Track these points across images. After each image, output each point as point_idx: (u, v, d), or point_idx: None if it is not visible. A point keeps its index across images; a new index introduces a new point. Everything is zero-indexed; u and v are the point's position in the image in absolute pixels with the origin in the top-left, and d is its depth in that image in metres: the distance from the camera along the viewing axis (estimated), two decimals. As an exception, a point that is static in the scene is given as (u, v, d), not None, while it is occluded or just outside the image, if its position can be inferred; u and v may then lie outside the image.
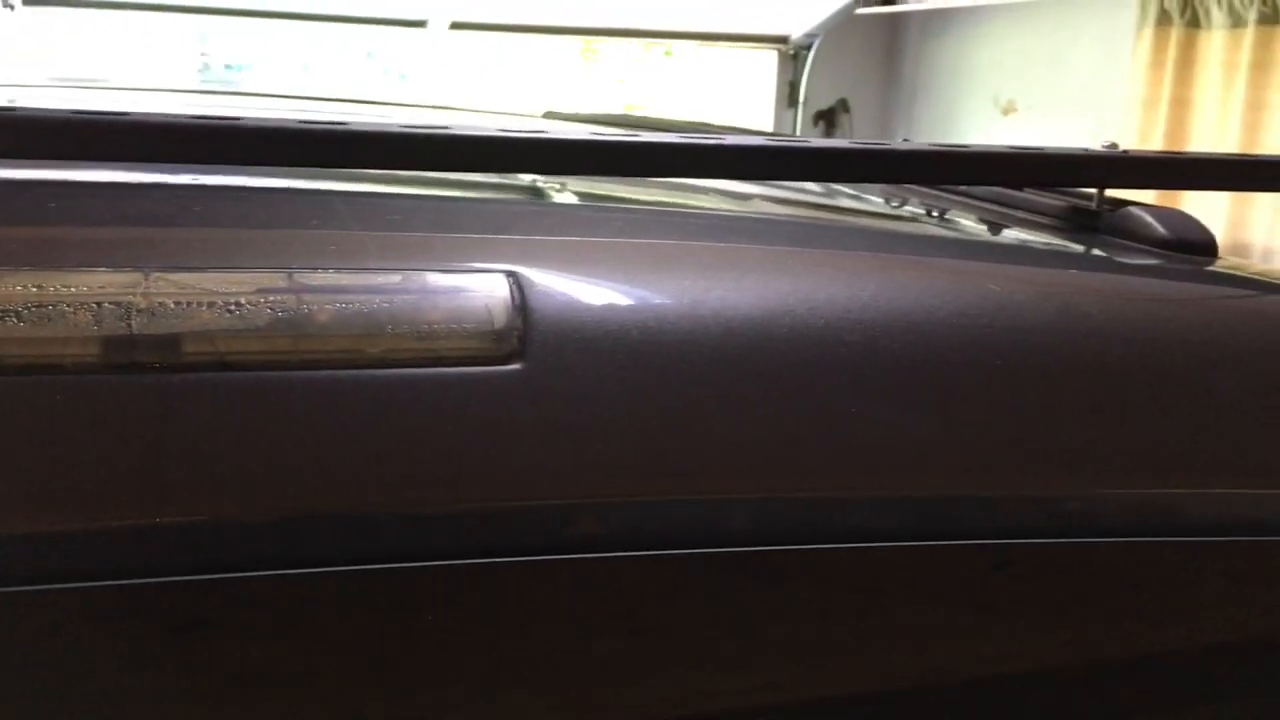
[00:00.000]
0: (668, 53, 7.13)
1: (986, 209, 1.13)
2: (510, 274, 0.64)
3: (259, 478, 0.56)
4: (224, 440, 0.56)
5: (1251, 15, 3.95)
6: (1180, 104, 4.17)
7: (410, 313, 0.61)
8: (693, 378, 0.63)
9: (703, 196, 1.03)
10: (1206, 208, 3.73)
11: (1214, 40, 4.09)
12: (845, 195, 1.19)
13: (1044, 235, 1.00)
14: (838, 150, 0.91)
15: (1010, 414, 0.69)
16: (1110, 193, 1.05)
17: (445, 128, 0.69)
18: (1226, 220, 3.91)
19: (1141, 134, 4.22)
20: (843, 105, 5.46)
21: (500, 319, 0.62)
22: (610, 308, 0.65)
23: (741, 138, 0.84)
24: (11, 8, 3.73)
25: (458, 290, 0.63)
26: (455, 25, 4.55)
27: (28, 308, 0.56)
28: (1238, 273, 0.97)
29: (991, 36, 5.10)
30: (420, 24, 4.59)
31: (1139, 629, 0.70)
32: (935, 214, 1.11)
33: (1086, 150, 0.99)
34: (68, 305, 0.56)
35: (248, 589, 0.55)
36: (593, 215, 0.89)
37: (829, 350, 0.67)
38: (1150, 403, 0.72)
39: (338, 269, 0.62)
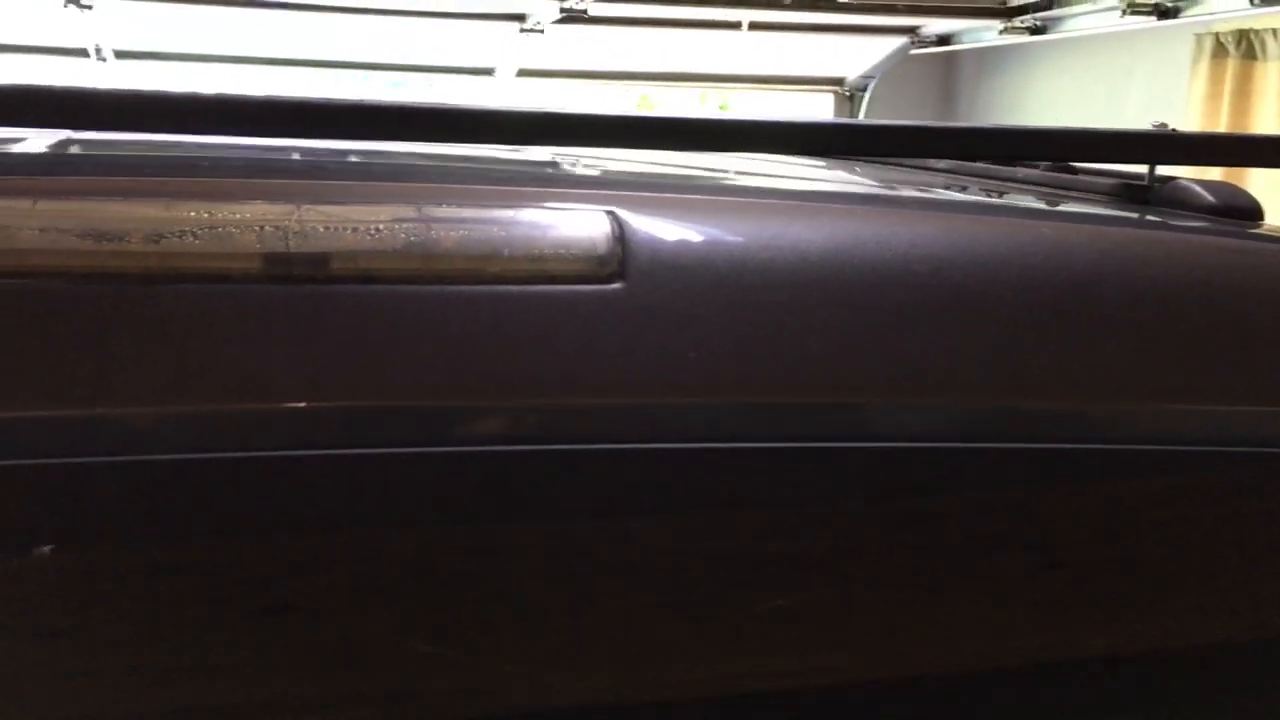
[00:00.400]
0: (723, 105, 7.27)
1: (1044, 190, 1.20)
2: (610, 212, 0.72)
3: (393, 372, 0.64)
4: (364, 339, 0.64)
5: (1308, 46, 3.97)
6: (1238, 134, 4.19)
7: (524, 239, 0.69)
8: (764, 300, 0.71)
9: (780, 166, 1.11)
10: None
11: (1270, 72, 4.12)
12: (904, 180, 1.26)
13: (1105, 207, 1.07)
14: (914, 129, 0.99)
15: (1080, 340, 0.76)
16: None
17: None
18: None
19: (1199, 166, 4.24)
20: (899, 146, 5.53)
21: (602, 246, 0.70)
22: (695, 242, 0.73)
23: (826, 119, 0.93)
24: (104, 60, 3.94)
25: (566, 223, 0.71)
26: (522, 73, 4.70)
27: (200, 229, 0.65)
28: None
29: (1046, 74, 5.15)
30: (488, 72, 4.74)
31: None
32: (997, 192, 1.18)
33: (1139, 130, 1.06)
34: (234, 227, 0.65)
35: (381, 465, 0.64)
36: (682, 174, 0.98)
37: (900, 281, 0.74)
38: (1200, 332, 0.78)
39: (461, 205, 0.71)
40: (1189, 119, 4.33)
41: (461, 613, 0.66)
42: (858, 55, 5.03)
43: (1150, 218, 1.00)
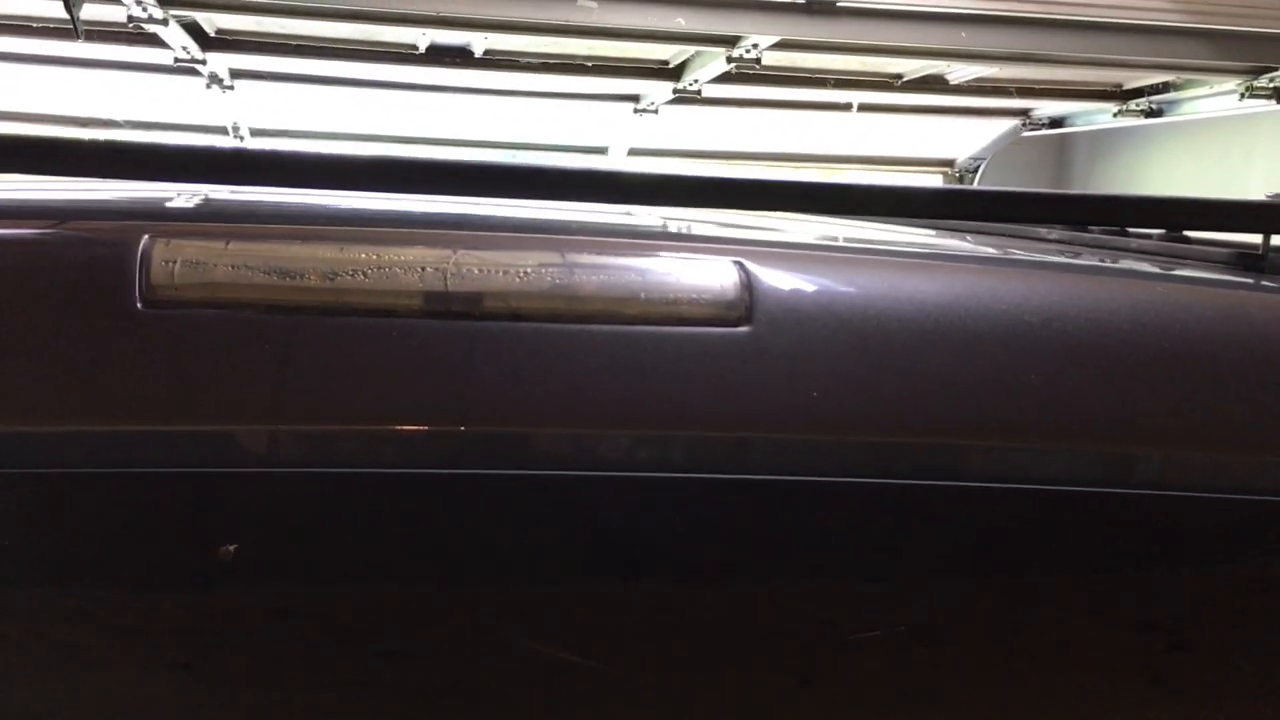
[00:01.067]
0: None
1: (1157, 257, 1.22)
2: (738, 263, 0.78)
3: (538, 401, 0.70)
4: (514, 372, 0.71)
5: None
6: (1365, 218, 4.09)
7: (659, 285, 0.75)
8: (880, 347, 0.75)
9: (894, 232, 1.16)
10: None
11: (1399, 154, 4.03)
12: (1014, 246, 1.30)
13: (1219, 273, 1.09)
14: (1029, 195, 1.03)
15: (1182, 392, 0.78)
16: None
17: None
18: None
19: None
20: (1009, 227, 5.51)
21: (731, 292, 0.75)
22: (817, 292, 0.78)
23: (939, 187, 0.97)
24: (241, 138, 4.18)
25: (698, 271, 0.77)
26: (633, 151, 4.83)
27: (369, 269, 0.72)
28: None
29: (1162, 156, 5.11)
30: (601, 150, 4.89)
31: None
32: (1117, 259, 1.20)
33: (1256, 200, 1.08)
34: (399, 268, 0.72)
35: (539, 484, 0.69)
36: (804, 231, 1.03)
37: (1010, 331, 0.78)
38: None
39: (602, 253, 0.77)
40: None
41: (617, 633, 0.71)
42: (968, 136, 5.06)
43: (1263, 283, 1.01)
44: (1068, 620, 0.76)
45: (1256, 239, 1.12)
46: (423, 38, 3.25)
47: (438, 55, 3.48)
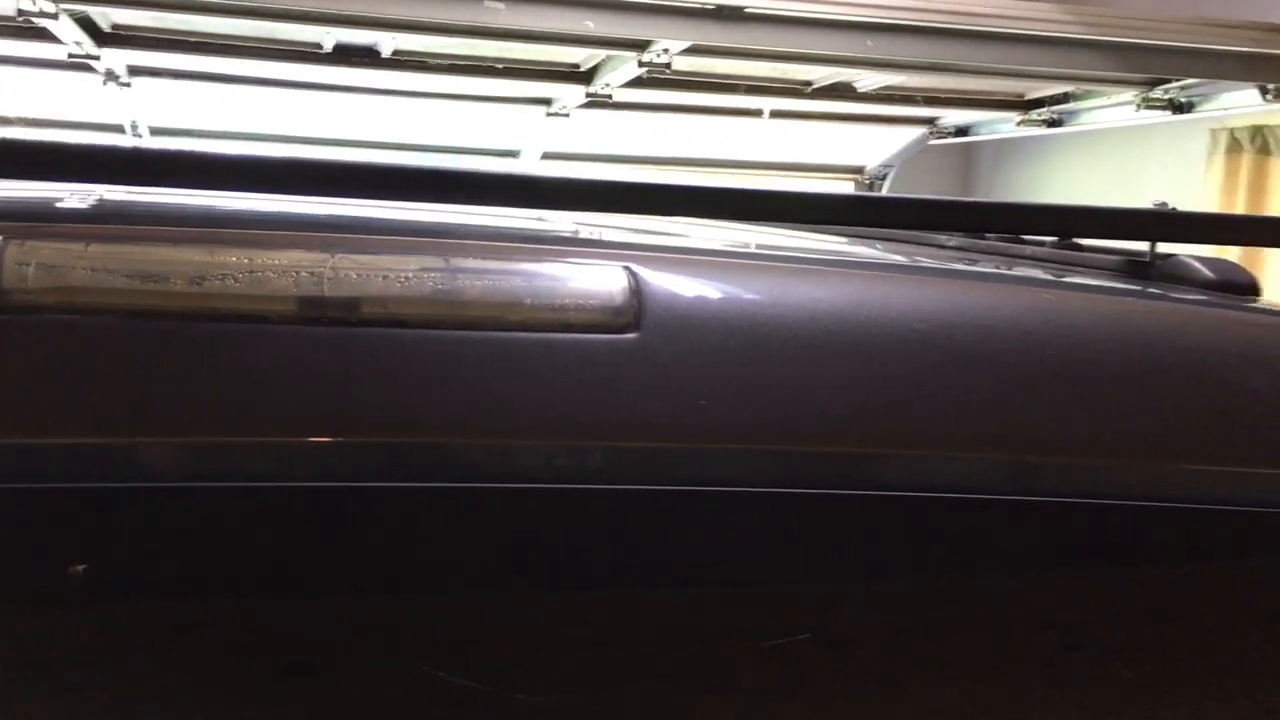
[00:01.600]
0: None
1: (1048, 263, 1.23)
2: (627, 268, 0.76)
3: (418, 411, 0.68)
4: (393, 380, 0.68)
5: (1322, 141, 4.04)
6: (1254, 227, 4.24)
7: (545, 290, 0.73)
8: (770, 354, 0.74)
9: (789, 237, 1.15)
10: None
11: (1285, 166, 4.18)
12: (908, 253, 1.30)
13: (1108, 280, 1.10)
14: (928, 202, 1.03)
15: (1069, 400, 0.79)
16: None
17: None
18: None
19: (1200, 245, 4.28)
20: (918, 233, 5.61)
21: (619, 299, 0.74)
22: (707, 298, 0.77)
23: (840, 190, 0.97)
24: (139, 136, 4.07)
25: (585, 276, 0.75)
26: (546, 155, 4.80)
27: (240, 273, 0.69)
28: (1274, 306, 1.05)
29: (1063, 165, 5.23)
30: (513, 154, 4.85)
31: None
32: (1003, 265, 1.21)
33: (1143, 208, 1.10)
34: (272, 273, 0.69)
35: (418, 497, 0.67)
36: (696, 236, 1.02)
37: (898, 338, 0.77)
38: (1188, 397, 0.81)
39: (486, 257, 0.75)
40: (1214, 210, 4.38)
41: (475, 641, 0.68)
42: (878, 144, 5.12)
43: (1147, 289, 1.03)
44: (964, 623, 0.76)
45: (1145, 246, 1.15)
46: (328, 36, 3.18)
47: (344, 55, 3.41)
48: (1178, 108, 3.50)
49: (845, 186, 5.42)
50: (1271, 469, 0.79)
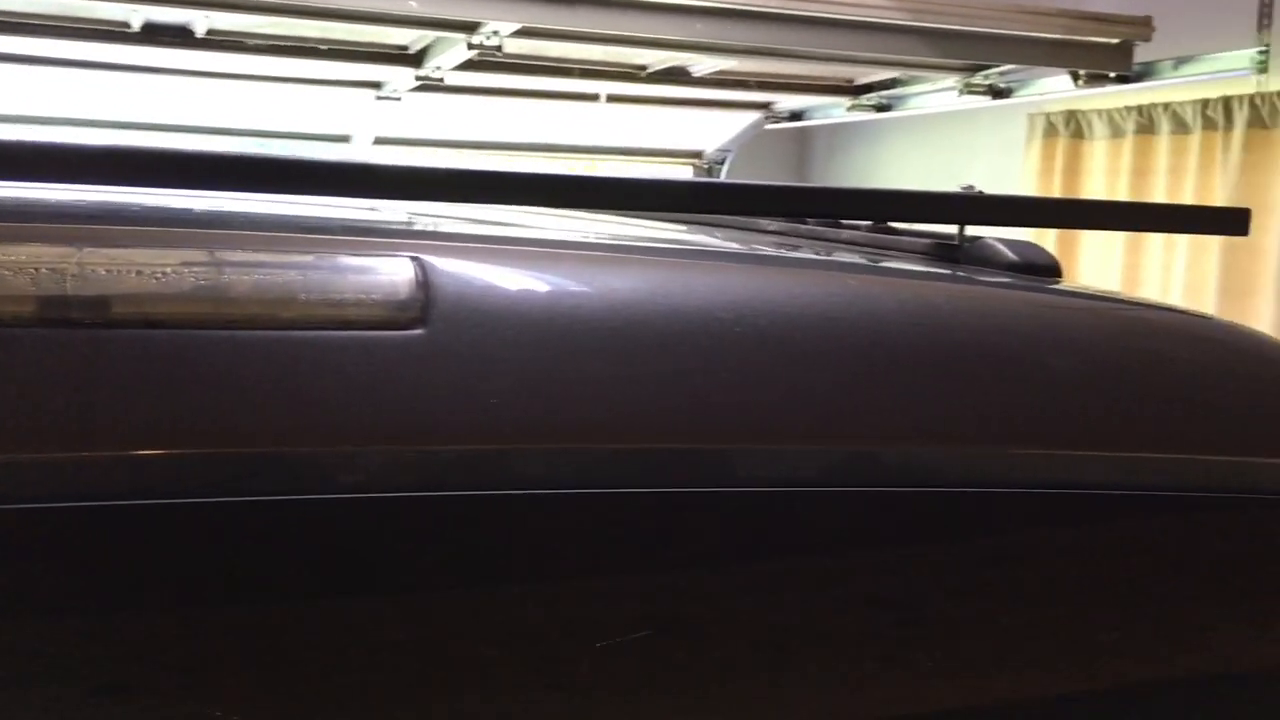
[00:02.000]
0: (590, 176, 7.35)
1: (864, 248, 1.24)
2: (415, 259, 0.72)
3: (176, 421, 0.62)
4: (147, 388, 0.62)
5: (1130, 126, 4.24)
6: (1070, 208, 4.43)
7: (322, 284, 0.68)
8: (568, 346, 0.71)
9: (594, 220, 1.12)
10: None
11: (1097, 150, 4.38)
12: (726, 235, 1.29)
13: (915, 263, 1.11)
14: (733, 187, 1.01)
15: (874, 385, 0.78)
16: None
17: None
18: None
19: (1035, 238, 4.46)
20: (756, 217, 5.68)
21: (404, 292, 0.69)
22: (502, 290, 0.73)
23: (644, 174, 0.94)
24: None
25: (367, 268, 0.70)
26: (379, 140, 4.68)
27: (-31, 271, 0.62)
28: (1072, 289, 1.08)
29: (894, 150, 5.37)
30: (344, 139, 4.71)
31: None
32: (822, 250, 1.21)
33: (951, 191, 1.10)
34: (7, 269, 0.62)
35: (182, 513, 0.61)
36: (492, 224, 0.98)
37: (701, 328, 0.75)
38: (992, 383, 0.81)
39: (257, 249, 0.69)
40: (1024, 192, 4.55)
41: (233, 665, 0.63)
42: (715, 129, 5.16)
43: (952, 272, 1.04)
44: (777, 610, 0.74)
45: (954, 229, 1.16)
46: (136, 14, 3.00)
47: (154, 34, 3.23)
48: (997, 93, 3.62)
49: (684, 171, 5.45)
50: (1068, 450, 0.79)
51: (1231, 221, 1.15)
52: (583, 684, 0.68)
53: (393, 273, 0.70)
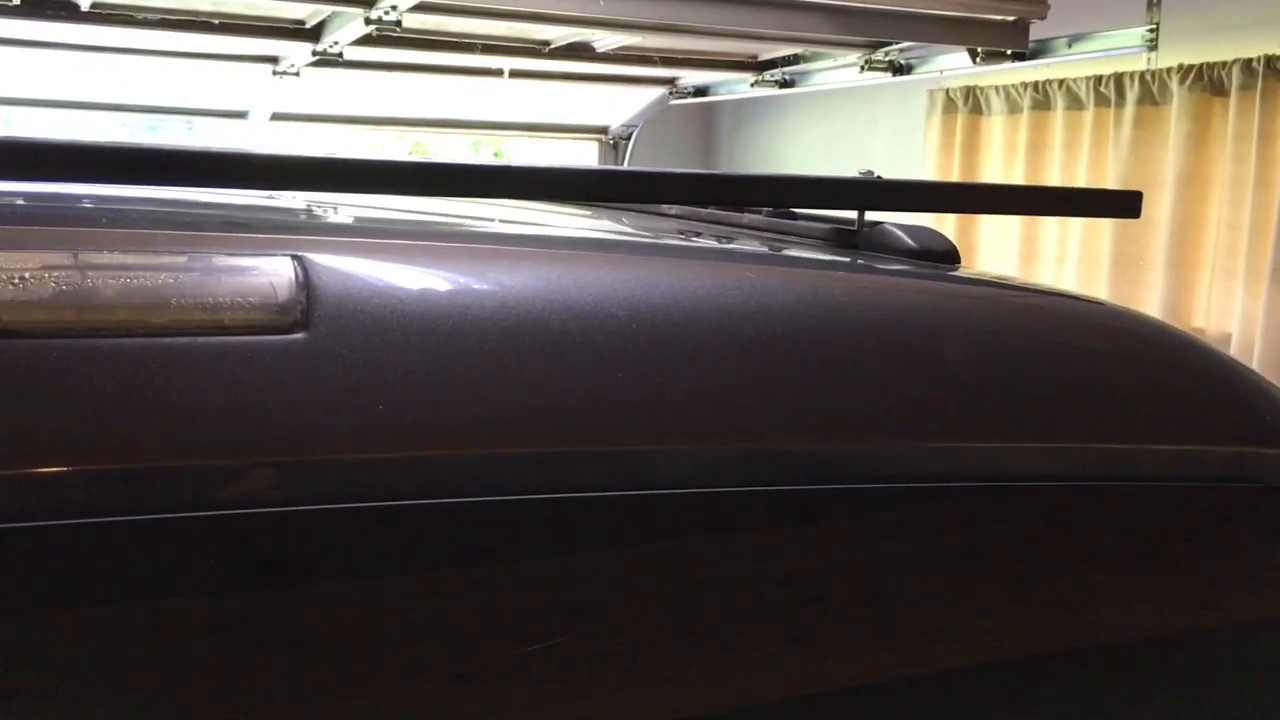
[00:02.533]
0: (498, 154, 7.26)
1: (764, 234, 1.23)
2: (296, 257, 0.69)
3: (35, 437, 0.59)
4: (3, 401, 0.58)
5: (1026, 102, 4.31)
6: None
7: (196, 287, 0.65)
8: (457, 348, 0.68)
9: (492, 211, 1.10)
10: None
11: (994, 125, 4.45)
12: (624, 220, 1.27)
13: (813, 251, 1.10)
14: (627, 174, 0.99)
15: (770, 379, 0.77)
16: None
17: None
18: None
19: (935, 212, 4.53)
20: (664, 193, 5.67)
21: (284, 294, 0.66)
22: (388, 289, 0.70)
23: (530, 164, 0.92)
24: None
25: (244, 269, 0.67)
26: (276, 117, 4.55)
27: None
28: (969, 275, 1.09)
29: (798, 125, 5.40)
30: (241, 115, 4.58)
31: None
32: (720, 238, 1.20)
33: (850, 177, 1.10)
34: None
35: (21, 539, 0.57)
36: (380, 218, 0.95)
37: (596, 326, 0.73)
38: (888, 371, 0.81)
39: (126, 251, 0.66)
40: (925, 169, 4.62)
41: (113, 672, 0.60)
42: (620, 105, 5.13)
43: (849, 260, 1.04)
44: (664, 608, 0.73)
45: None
46: (14, -14, 2.87)
47: (38, 7, 3.09)
48: (897, 70, 3.65)
49: (589, 147, 5.41)
50: (961, 442, 0.80)
51: (1125, 204, 1.17)
52: (450, 692, 0.66)
53: (272, 273, 0.67)
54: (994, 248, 4.44)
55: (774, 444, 0.74)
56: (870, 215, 1.14)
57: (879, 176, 1.12)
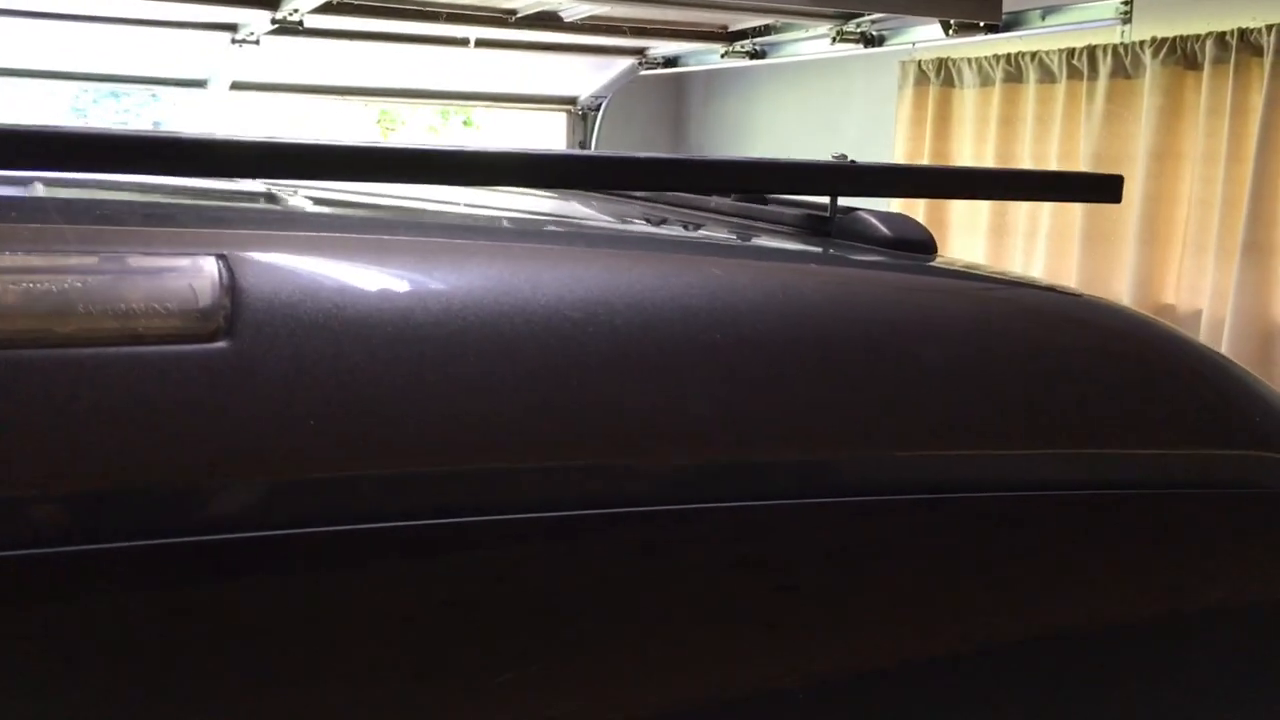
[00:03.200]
0: (467, 122, 7.16)
1: (734, 221, 1.18)
2: (221, 257, 0.63)
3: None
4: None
5: (998, 75, 4.27)
6: (940, 156, 4.46)
7: (107, 292, 0.59)
8: (397, 356, 0.63)
9: (426, 198, 1.04)
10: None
11: (966, 98, 4.41)
12: (588, 205, 1.22)
13: (783, 240, 1.05)
14: (593, 159, 0.94)
15: (749, 381, 0.72)
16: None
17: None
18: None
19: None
20: (634, 165, 5.60)
21: (206, 298, 0.61)
22: (321, 292, 0.65)
23: (493, 147, 0.86)
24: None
25: (161, 271, 0.62)
26: (236, 86, 4.45)
27: None
28: (946, 265, 1.04)
29: (770, 97, 5.34)
30: (200, 84, 4.47)
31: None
32: (687, 225, 1.15)
33: (823, 161, 1.05)
34: None
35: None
36: (320, 209, 0.89)
37: (550, 328, 0.68)
38: (866, 368, 0.76)
39: (29, 251, 0.60)
40: (897, 141, 4.57)
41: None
42: (588, 75, 5.05)
43: (821, 251, 0.99)
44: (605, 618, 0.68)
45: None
46: (-44, -49, 2.76)
47: (-18, -28, 2.98)
48: (869, 41, 3.59)
49: (558, 118, 5.32)
50: (940, 450, 0.75)
51: (1105, 188, 1.13)
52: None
53: (193, 274, 0.62)
54: (965, 223, 4.41)
55: (737, 455, 0.69)
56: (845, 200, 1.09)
57: (852, 160, 1.07)
